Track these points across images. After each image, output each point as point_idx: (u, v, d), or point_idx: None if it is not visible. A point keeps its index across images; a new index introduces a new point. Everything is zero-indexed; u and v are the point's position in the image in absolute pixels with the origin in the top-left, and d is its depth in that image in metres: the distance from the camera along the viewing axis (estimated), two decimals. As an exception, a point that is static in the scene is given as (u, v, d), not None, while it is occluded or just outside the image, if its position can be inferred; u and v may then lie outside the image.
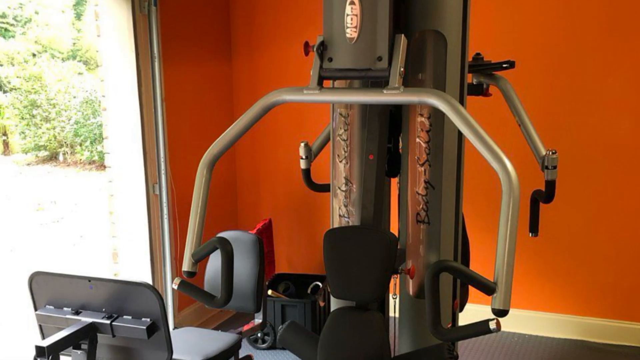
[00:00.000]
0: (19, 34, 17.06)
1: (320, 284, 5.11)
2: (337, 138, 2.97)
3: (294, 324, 3.02)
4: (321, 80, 2.58)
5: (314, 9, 4.67)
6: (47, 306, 3.14)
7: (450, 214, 2.88)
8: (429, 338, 2.74)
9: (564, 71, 4.75)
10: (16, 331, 5.74)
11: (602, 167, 4.75)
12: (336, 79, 2.70)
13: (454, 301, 3.00)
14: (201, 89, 5.32)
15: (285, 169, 5.60)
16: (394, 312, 3.04)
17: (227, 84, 5.66)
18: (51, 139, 15.17)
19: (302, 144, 3.50)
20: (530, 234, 3.52)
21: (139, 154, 4.67)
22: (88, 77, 16.24)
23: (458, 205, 2.93)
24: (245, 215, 5.88)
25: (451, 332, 2.46)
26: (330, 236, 2.75)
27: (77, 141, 15.07)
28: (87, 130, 14.73)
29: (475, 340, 4.88)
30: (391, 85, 2.44)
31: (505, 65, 3.39)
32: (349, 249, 2.70)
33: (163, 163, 4.71)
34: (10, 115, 15.89)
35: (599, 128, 4.72)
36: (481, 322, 2.32)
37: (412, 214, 2.89)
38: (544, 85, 4.80)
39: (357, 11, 2.47)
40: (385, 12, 2.45)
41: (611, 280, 4.83)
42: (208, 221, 2.80)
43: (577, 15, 4.69)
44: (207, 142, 2.84)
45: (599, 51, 4.66)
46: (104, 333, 2.99)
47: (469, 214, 3.45)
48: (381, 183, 2.80)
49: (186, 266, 2.71)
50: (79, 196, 12.26)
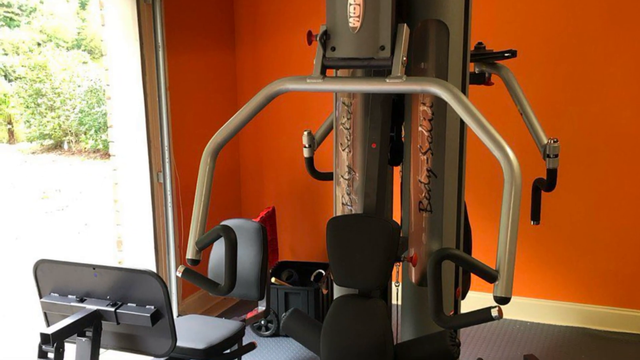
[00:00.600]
0: (24, 23, 17.04)
1: (323, 271, 5.12)
2: (340, 127, 2.98)
3: (297, 312, 3.03)
4: (324, 69, 2.59)
5: (317, -3, 4.68)
6: (52, 294, 3.15)
7: (453, 202, 2.89)
8: (431, 325, 2.75)
9: (565, 60, 4.75)
10: (21, 319, 5.77)
11: (604, 156, 4.76)
12: (339, 68, 2.71)
13: (456, 289, 3.01)
14: (205, 78, 5.33)
15: (289, 157, 5.61)
16: (397, 299, 3.06)
17: (231, 73, 5.67)
18: (56, 128, 15.18)
19: (305, 132, 3.50)
20: (532, 222, 3.53)
21: (143, 142, 4.68)
22: (92, 66, 16.22)
23: (460, 193, 2.94)
24: (248, 203, 5.89)
25: (453, 320, 2.48)
26: (333, 224, 2.76)
27: (82, 130, 15.07)
28: (92, 119, 14.74)
29: (477, 328, 4.90)
30: (394, 74, 2.45)
31: (507, 54, 3.39)
32: (352, 237, 2.71)
33: (167, 151, 4.72)
34: (15, 104, 15.90)
35: (601, 117, 4.73)
36: (483, 310, 2.34)
37: (414, 202, 2.90)
38: (545, 74, 4.80)
39: (359, 1, 2.47)
40: (388, 1, 2.46)
41: (612, 268, 4.85)
42: (212, 209, 2.81)
43: (579, 5, 4.68)
44: (210, 130, 2.85)
45: (600, 40, 4.66)
46: (109, 320, 3.01)
47: (471, 202, 3.46)
48: (384, 171, 2.81)
49: (190, 254, 2.72)
50: (84, 184, 12.28)
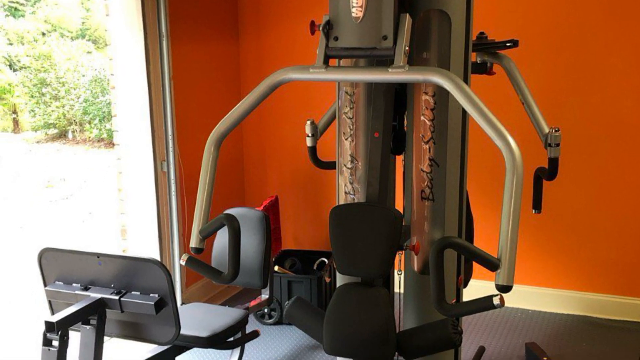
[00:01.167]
0: (28, 13, 17.00)
1: (326, 260, 5.14)
2: (342, 116, 2.99)
3: (300, 300, 3.05)
4: (327, 58, 2.60)
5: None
6: (57, 282, 3.17)
7: (455, 191, 2.91)
8: (434, 313, 2.78)
9: (566, 50, 4.75)
10: (26, 307, 5.80)
11: (605, 145, 4.77)
12: (342, 57, 2.72)
13: (458, 277, 3.02)
14: (209, 68, 5.34)
15: (292, 146, 5.63)
16: (399, 287, 3.08)
17: (235, 62, 5.68)
18: (60, 117, 15.17)
19: (308, 122, 3.52)
20: (533, 211, 3.55)
21: (147, 131, 4.69)
22: (97, 55, 16.19)
23: (462, 182, 2.95)
24: (252, 192, 5.91)
25: (455, 308, 2.49)
26: (336, 213, 2.78)
27: (86, 119, 15.07)
28: (96, 109, 14.73)
29: (479, 316, 4.91)
30: (396, 63, 2.47)
31: (508, 44, 3.41)
32: (355, 226, 2.73)
33: (171, 141, 4.73)
34: (20, 93, 15.89)
35: (602, 106, 4.73)
36: (485, 298, 2.36)
37: (416, 191, 2.92)
38: (547, 64, 4.80)
39: (362, -9, 2.49)
40: (390, -9, 2.48)
41: (613, 256, 4.86)
42: (215, 198, 2.82)
43: (581, -6, 4.69)
44: (214, 120, 2.87)
45: (601, 30, 4.65)
46: (113, 309, 3.03)
47: (473, 191, 3.48)
48: (386, 160, 2.82)
49: (194, 242, 2.74)
50: (88, 173, 12.28)
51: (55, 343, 2.86)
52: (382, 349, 2.70)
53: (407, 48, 2.48)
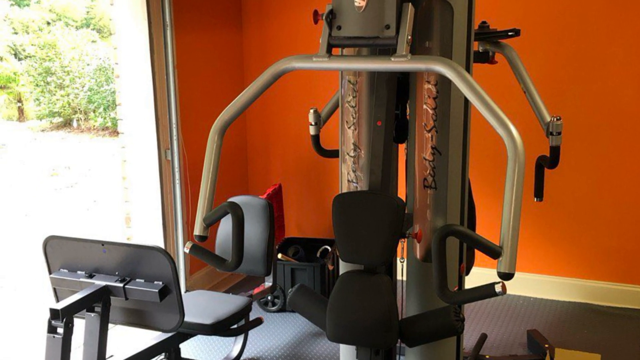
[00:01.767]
0: (33, 2, 17.01)
1: (329, 247, 5.16)
2: (345, 105, 3.00)
3: (304, 287, 3.06)
4: (330, 48, 2.61)
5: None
6: (62, 269, 3.19)
7: (457, 179, 2.92)
8: (436, 301, 2.80)
9: (568, 39, 4.75)
10: (31, 294, 5.83)
11: (606, 133, 4.77)
12: (345, 46, 2.73)
13: (460, 265, 3.04)
14: (212, 57, 5.35)
15: (295, 135, 5.64)
16: (402, 275, 3.08)
17: (238, 51, 5.69)
18: (65, 106, 15.21)
19: (311, 110, 3.53)
20: (535, 199, 3.56)
21: (151, 120, 4.70)
22: (101, 44, 16.21)
23: (464, 170, 2.96)
24: (255, 180, 5.92)
25: (457, 295, 2.50)
26: (339, 201, 2.79)
27: (91, 108, 15.10)
28: (101, 97, 14.76)
29: (481, 303, 4.94)
30: (399, 52, 2.48)
31: (510, 33, 3.41)
32: (358, 214, 2.74)
33: (175, 129, 4.75)
34: (25, 82, 15.93)
35: (603, 95, 4.74)
36: (487, 285, 2.37)
37: (419, 179, 2.93)
38: (548, 53, 4.81)
39: (365, -20, 2.50)
40: (393, -19, 2.49)
41: (614, 244, 4.88)
42: (219, 186, 2.84)
43: (583, -17, 4.69)
44: (218, 108, 2.88)
45: (602, 19, 4.65)
46: (117, 296, 3.05)
47: (475, 179, 3.49)
48: (389, 149, 2.84)
49: (197, 230, 2.74)
50: (93, 162, 12.31)
51: (60, 330, 2.89)
52: (385, 336, 2.71)
53: (409, 37, 2.48)
